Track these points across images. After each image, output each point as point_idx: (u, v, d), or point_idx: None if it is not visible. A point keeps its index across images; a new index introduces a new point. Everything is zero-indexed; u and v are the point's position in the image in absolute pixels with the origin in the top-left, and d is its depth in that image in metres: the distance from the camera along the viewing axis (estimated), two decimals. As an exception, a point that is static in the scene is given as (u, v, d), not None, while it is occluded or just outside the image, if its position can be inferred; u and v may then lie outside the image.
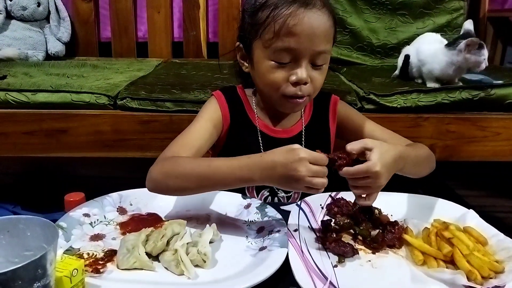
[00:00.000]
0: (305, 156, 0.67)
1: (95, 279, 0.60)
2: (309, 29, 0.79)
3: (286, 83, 0.83)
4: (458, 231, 0.71)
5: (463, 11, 1.99)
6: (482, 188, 1.97)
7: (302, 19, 0.78)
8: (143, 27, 2.17)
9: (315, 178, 0.67)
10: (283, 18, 0.79)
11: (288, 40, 0.79)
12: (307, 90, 0.84)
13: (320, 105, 1.00)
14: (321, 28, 0.80)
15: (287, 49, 0.80)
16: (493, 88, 1.32)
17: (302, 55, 0.80)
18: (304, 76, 0.81)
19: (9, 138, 1.31)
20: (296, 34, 0.79)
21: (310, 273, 0.62)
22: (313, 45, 0.80)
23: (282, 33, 0.79)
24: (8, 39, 1.90)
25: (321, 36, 0.80)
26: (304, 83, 0.82)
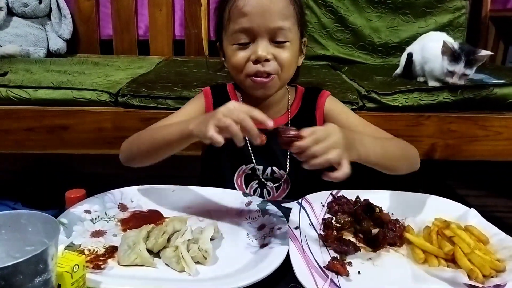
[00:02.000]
0: (232, 102, 0.69)
1: (96, 275, 0.60)
2: (259, 7, 0.82)
3: (249, 63, 0.85)
4: (459, 230, 0.71)
5: (465, 11, 1.99)
6: (483, 188, 1.97)
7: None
8: (144, 25, 2.16)
9: (225, 118, 0.64)
10: (235, 2, 0.83)
11: (241, 21, 0.83)
12: (271, 68, 0.85)
13: (309, 99, 0.99)
14: (272, 4, 0.82)
15: (242, 30, 0.84)
16: (495, 87, 1.31)
17: (257, 33, 0.83)
18: (262, 53, 0.83)
19: (10, 134, 1.31)
20: (247, 13, 0.82)
21: (311, 270, 0.62)
22: (266, 22, 0.82)
23: (234, 15, 0.83)
24: (10, 36, 1.90)
25: (274, 12, 0.82)
26: (265, 60, 0.84)
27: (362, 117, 1.28)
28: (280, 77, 0.88)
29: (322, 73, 1.71)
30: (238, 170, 0.95)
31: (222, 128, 0.65)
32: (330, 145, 0.65)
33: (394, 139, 0.91)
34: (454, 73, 1.27)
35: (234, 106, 0.68)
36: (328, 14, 1.99)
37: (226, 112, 0.66)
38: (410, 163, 0.89)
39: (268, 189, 0.96)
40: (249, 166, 0.95)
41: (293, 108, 0.98)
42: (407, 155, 0.88)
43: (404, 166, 0.87)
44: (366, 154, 0.75)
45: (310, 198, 0.84)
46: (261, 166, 0.95)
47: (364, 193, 0.85)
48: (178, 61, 1.95)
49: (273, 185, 0.96)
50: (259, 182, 0.96)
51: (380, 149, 0.80)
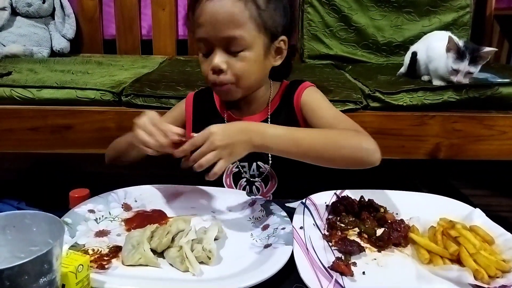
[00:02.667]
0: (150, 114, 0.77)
1: (100, 275, 0.60)
2: (210, 18, 0.82)
3: (210, 72, 0.87)
4: (465, 230, 0.71)
5: (469, 9, 1.97)
6: (488, 187, 1.96)
7: (205, 9, 0.83)
8: (148, 24, 2.16)
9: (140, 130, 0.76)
10: (196, 11, 0.85)
11: (198, 31, 0.85)
12: (226, 79, 0.86)
13: (289, 93, 0.99)
14: (223, 14, 0.82)
15: (200, 40, 0.86)
16: (500, 86, 1.30)
17: (212, 43, 0.85)
18: (216, 63, 0.84)
19: (14, 134, 1.32)
20: (202, 24, 0.84)
21: (316, 271, 0.62)
22: (217, 32, 0.83)
23: (195, 25, 0.86)
24: (13, 36, 1.90)
25: (224, 22, 0.82)
26: (219, 70, 0.85)
27: (366, 116, 1.30)
28: (238, 86, 0.88)
29: (325, 72, 1.71)
30: (225, 170, 0.95)
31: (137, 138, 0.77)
32: (207, 148, 0.71)
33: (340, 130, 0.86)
34: (458, 71, 1.26)
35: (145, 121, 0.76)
36: (331, 13, 1.98)
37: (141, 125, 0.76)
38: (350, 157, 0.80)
39: (256, 185, 0.96)
40: (234, 164, 0.96)
41: (273, 103, 0.98)
42: (340, 145, 0.80)
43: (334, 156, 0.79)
44: (265, 146, 0.76)
45: (314, 198, 0.83)
46: (246, 163, 0.96)
47: (368, 193, 0.85)
48: (181, 61, 1.95)
49: (261, 181, 0.96)
50: (247, 180, 0.96)
51: (292, 140, 0.77)
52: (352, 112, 1.30)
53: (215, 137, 0.71)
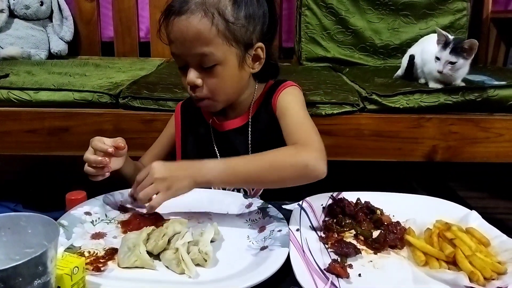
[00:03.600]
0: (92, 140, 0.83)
1: (96, 277, 0.60)
2: (179, 35, 0.84)
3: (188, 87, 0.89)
4: (461, 232, 0.71)
5: (466, 12, 1.99)
6: (484, 190, 1.97)
7: (173, 27, 0.84)
8: (145, 27, 2.17)
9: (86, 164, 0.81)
10: (167, 27, 0.86)
11: (171, 47, 0.87)
12: (202, 94, 0.88)
13: (270, 94, 0.97)
14: (190, 32, 0.82)
15: (174, 55, 0.88)
16: (496, 89, 1.31)
17: (185, 59, 0.86)
18: (190, 79, 0.86)
19: (11, 136, 1.31)
20: (172, 41, 0.86)
21: (312, 273, 0.62)
22: (187, 50, 0.84)
23: (168, 42, 0.87)
24: (11, 38, 1.90)
25: (192, 40, 0.83)
26: (194, 85, 0.87)
27: (363, 119, 1.30)
28: (215, 100, 0.90)
29: (323, 75, 1.71)
30: None
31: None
32: (146, 181, 0.77)
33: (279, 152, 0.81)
34: (440, 58, 1.29)
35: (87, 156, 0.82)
36: (329, 16, 1.99)
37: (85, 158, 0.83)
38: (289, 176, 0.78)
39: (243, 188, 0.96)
40: None
41: (255, 106, 0.99)
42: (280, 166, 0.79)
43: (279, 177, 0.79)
44: (206, 181, 0.78)
45: (310, 200, 0.83)
46: None
47: (364, 195, 0.85)
48: (179, 63, 1.95)
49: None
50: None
51: (230, 172, 0.78)
52: (349, 114, 1.30)
53: (154, 171, 0.76)
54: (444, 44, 1.29)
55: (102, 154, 0.81)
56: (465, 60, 1.28)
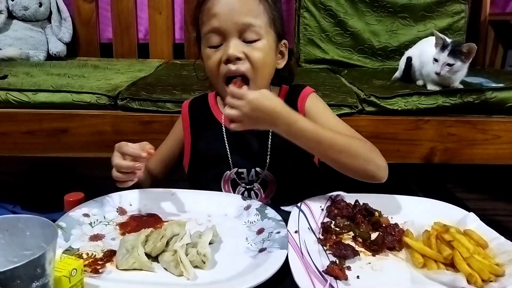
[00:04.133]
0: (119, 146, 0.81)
1: (94, 279, 0.60)
2: (227, 6, 0.84)
3: (221, 64, 0.86)
4: (459, 234, 0.71)
5: (464, 14, 1.99)
6: (482, 192, 1.97)
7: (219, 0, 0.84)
8: (144, 28, 2.17)
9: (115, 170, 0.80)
10: (206, 4, 0.85)
11: (211, 21, 0.85)
12: (243, 67, 0.85)
13: (291, 97, 0.97)
14: (239, 3, 0.84)
15: (212, 30, 0.85)
16: (494, 91, 1.32)
17: (227, 32, 0.84)
18: (232, 51, 0.84)
19: (10, 137, 1.31)
20: (216, 13, 0.84)
21: (310, 275, 0.62)
22: (234, 19, 0.83)
23: (206, 17, 0.85)
24: (10, 39, 1.90)
25: (242, 10, 0.84)
26: (236, 59, 0.84)
27: (361, 120, 1.30)
28: (256, 75, 0.87)
29: (321, 77, 1.71)
30: (223, 176, 0.95)
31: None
32: (237, 106, 0.77)
33: (358, 140, 0.86)
34: (438, 60, 1.30)
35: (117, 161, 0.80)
36: (327, 18, 1.99)
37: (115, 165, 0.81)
38: (358, 165, 0.81)
39: (255, 191, 0.96)
40: (233, 170, 0.95)
41: None
42: (356, 154, 0.81)
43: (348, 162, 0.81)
44: (290, 134, 0.79)
45: (309, 202, 0.83)
46: (245, 169, 0.95)
47: (363, 197, 0.85)
48: (178, 65, 1.95)
49: (259, 186, 0.96)
50: (245, 185, 0.96)
51: (315, 137, 0.79)
52: (347, 116, 1.30)
53: (246, 104, 0.76)
54: (442, 46, 1.30)
55: (131, 158, 0.79)
56: (463, 63, 1.29)
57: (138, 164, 0.79)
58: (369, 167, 0.82)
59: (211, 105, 1.01)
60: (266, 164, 0.95)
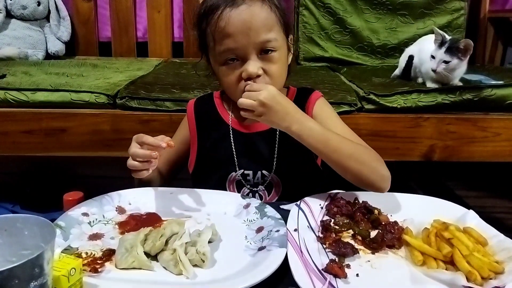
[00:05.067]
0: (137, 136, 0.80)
1: (93, 279, 0.60)
2: (241, 26, 0.81)
3: (241, 81, 0.85)
4: (458, 232, 0.71)
5: (463, 12, 1.99)
6: (482, 189, 1.97)
7: (232, 19, 0.81)
8: (143, 27, 2.16)
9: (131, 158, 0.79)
10: (215, 24, 0.82)
11: (226, 42, 0.83)
12: (262, 82, 0.85)
13: (300, 100, 0.97)
14: (254, 20, 0.82)
15: (228, 50, 0.83)
16: (494, 88, 1.31)
17: (244, 51, 0.83)
18: (253, 70, 0.83)
19: (9, 137, 1.31)
20: (230, 34, 0.82)
21: (309, 273, 0.62)
22: (252, 39, 0.82)
23: (218, 37, 0.83)
24: (8, 38, 1.90)
25: (258, 27, 0.82)
26: (256, 76, 0.84)
27: (361, 118, 1.30)
28: None
29: (320, 75, 1.71)
30: (228, 177, 0.94)
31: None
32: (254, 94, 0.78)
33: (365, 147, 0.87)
34: (435, 57, 1.29)
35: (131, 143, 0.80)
36: (326, 16, 1.99)
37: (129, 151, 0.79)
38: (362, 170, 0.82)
39: (259, 193, 0.95)
40: (239, 172, 0.95)
41: None
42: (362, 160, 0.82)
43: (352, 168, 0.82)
44: (299, 133, 0.80)
45: (308, 200, 0.83)
46: (250, 171, 0.94)
47: (362, 195, 0.85)
48: (176, 63, 1.95)
49: (264, 189, 0.95)
50: (250, 187, 0.95)
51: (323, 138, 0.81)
52: (347, 114, 1.30)
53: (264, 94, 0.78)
54: (440, 43, 1.30)
55: (149, 148, 0.79)
56: (459, 60, 1.29)
57: (155, 153, 0.78)
58: (373, 176, 0.82)
59: (217, 105, 1.00)
60: (273, 167, 0.94)
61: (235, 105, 0.92)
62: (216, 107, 0.99)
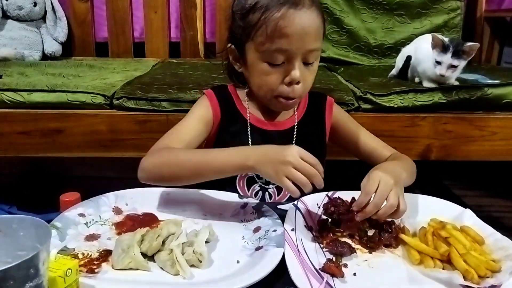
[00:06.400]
0: (297, 149, 0.72)
1: (90, 279, 0.60)
2: (300, 30, 0.80)
3: (281, 84, 0.85)
4: (455, 231, 0.71)
5: (460, 11, 2.00)
6: (479, 188, 1.97)
7: (293, 20, 0.80)
8: (140, 27, 2.16)
9: (298, 172, 0.70)
10: (274, 20, 0.80)
11: (280, 41, 0.81)
12: (299, 90, 0.86)
13: (315, 103, 1.01)
14: (311, 27, 0.82)
15: (279, 50, 0.82)
16: (490, 87, 1.32)
17: (294, 55, 0.82)
18: (298, 75, 0.83)
19: (5, 138, 1.31)
20: (288, 35, 0.80)
21: (307, 272, 0.62)
22: (304, 45, 0.82)
23: (274, 35, 0.81)
24: (4, 39, 1.89)
25: (312, 35, 0.82)
26: (297, 82, 0.85)
27: (358, 118, 1.30)
28: (301, 98, 0.90)
29: (317, 74, 1.69)
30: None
31: (295, 181, 0.70)
32: (385, 190, 0.70)
33: (402, 157, 0.95)
34: (441, 63, 1.28)
35: (303, 157, 0.71)
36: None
37: (300, 167, 0.70)
38: (414, 178, 0.91)
39: (269, 192, 0.95)
40: None
41: (300, 111, 0.99)
42: (413, 171, 0.91)
43: (413, 180, 0.90)
44: (402, 182, 0.78)
45: (305, 199, 0.83)
46: None
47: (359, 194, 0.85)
48: (173, 63, 1.95)
49: (275, 188, 0.95)
50: (261, 185, 0.95)
51: (405, 172, 0.84)
52: (344, 114, 1.30)
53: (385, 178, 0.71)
54: (442, 48, 1.29)
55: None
56: (464, 61, 1.29)
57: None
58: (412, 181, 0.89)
59: (235, 99, 0.98)
60: None
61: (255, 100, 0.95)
62: (234, 101, 0.98)
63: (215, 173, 0.80)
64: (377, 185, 0.70)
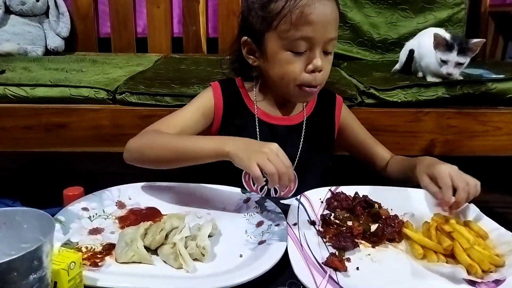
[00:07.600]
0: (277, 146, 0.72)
1: (93, 273, 0.60)
2: (323, 17, 0.82)
3: (303, 73, 0.86)
4: (459, 225, 0.71)
5: (464, 6, 1.98)
6: (483, 183, 1.96)
7: (317, 8, 0.81)
8: (143, 22, 2.15)
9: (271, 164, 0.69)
10: (299, 8, 0.81)
11: (305, 29, 0.82)
12: (321, 78, 0.87)
13: (325, 100, 1.02)
14: (332, 15, 0.84)
15: (304, 38, 0.83)
16: (494, 82, 1.31)
17: (317, 43, 0.83)
18: (320, 63, 0.84)
19: (8, 132, 1.31)
20: (312, 22, 0.81)
21: (309, 267, 0.62)
22: (327, 33, 0.83)
23: (299, 22, 0.82)
24: (7, 34, 1.89)
25: (333, 24, 0.84)
26: (319, 70, 0.86)
27: (361, 113, 1.30)
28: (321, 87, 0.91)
29: (321, 70, 1.70)
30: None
31: (263, 169, 0.69)
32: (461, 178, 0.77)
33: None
34: (447, 61, 1.27)
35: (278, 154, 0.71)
36: (326, 10, 1.98)
37: (273, 159, 0.70)
38: None
39: (276, 187, 0.95)
40: None
41: (308, 108, 1.00)
42: None
43: None
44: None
45: (308, 194, 0.83)
46: None
47: (362, 189, 0.85)
48: (176, 59, 1.94)
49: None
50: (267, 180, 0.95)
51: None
52: (347, 108, 1.29)
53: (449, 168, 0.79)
54: (445, 45, 1.27)
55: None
56: (469, 58, 1.28)
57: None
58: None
59: (242, 93, 0.98)
60: (295, 162, 0.95)
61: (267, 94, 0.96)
62: (242, 94, 0.98)
63: (193, 159, 0.81)
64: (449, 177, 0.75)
